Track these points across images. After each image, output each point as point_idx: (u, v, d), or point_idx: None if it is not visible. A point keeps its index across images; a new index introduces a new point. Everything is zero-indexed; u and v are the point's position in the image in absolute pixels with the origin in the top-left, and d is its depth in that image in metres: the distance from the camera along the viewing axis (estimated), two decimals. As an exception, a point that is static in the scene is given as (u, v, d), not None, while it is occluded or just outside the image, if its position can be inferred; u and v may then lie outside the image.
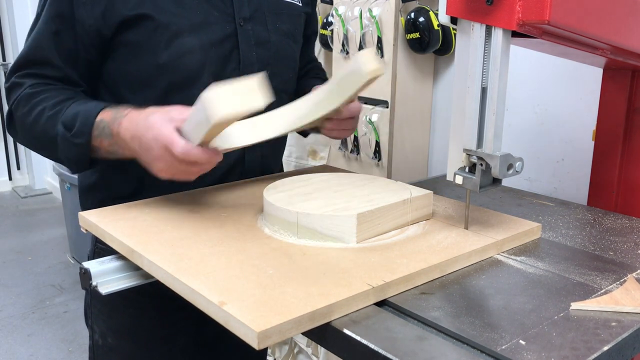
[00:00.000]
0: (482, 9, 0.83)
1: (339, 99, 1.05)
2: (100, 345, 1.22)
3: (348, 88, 1.01)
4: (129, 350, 1.21)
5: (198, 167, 0.93)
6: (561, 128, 1.66)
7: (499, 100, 0.87)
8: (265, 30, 1.17)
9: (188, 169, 0.92)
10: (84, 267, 0.92)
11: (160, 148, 0.91)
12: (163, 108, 0.95)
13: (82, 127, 0.99)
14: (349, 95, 1.02)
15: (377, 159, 1.92)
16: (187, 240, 0.90)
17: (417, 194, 0.99)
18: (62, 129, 1.01)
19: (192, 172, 0.94)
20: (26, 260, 3.66)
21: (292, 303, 0.71)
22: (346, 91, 1.02)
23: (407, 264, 0.82)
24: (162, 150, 0.91)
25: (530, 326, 0.70)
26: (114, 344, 1.21)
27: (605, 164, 1.21)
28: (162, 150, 0.91)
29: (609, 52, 0.95)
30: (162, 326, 1.22)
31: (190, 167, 0.92)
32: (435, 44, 1.79)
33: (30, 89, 1.06)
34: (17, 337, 2.79)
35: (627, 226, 1.08)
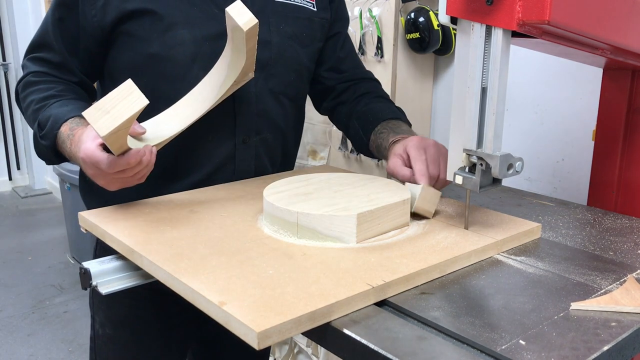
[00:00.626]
0: (482, 9, 0.83)
1: (239, 58, 1.07)
2: (100, 335, 1.24)
3: (239, 46, 1.05)
4: (125, 341, 1.23)
5: (137, 171, 0.96)
6: (561, 128, 1.66)
7: (499, 100, 0.87)
8: (267, 31, 1.17)
9: (127, 176, 0.96)
10: (84, 267, 0.92)
11: (91, 167, 0.95)
12: None
13: (49, 131, 1.06)
14: (244, 51, 1.04)
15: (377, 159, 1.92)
16: (187, 240, 0.90)
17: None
18: (37, 127, 1.09)
19: (135, 178, 0.98)
20: (26, 260, 3.66)
21: (292, 303, 0.71)
22: (240, 50, 1.05)
23: (407, 264, 0.82)
24: (94, 168, 0.95)
25: (530, 326, 0.70)
26: (112, 334, 1.23)
27: (605, 164, 1.21)
28: (94, 169, 0.95)
29: (609, 52, 0.95)
30: (157, 318, 1.23)
31: (129, 174, 0.95)
32: (435, 44, 1.79)
33: (30, 77, 1.15)
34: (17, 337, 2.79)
35: (627, 226, 1.08)
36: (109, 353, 1.25)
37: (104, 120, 0.87)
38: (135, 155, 0.93)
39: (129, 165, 0.93)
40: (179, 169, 1.18)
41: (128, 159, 0.92)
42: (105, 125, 0.86)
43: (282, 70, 1.21)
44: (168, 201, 1.08)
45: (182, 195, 1.12)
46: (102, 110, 0.87)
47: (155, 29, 1.09)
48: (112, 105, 0.87)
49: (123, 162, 0.92)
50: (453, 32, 1.77)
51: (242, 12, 1.01)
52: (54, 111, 1.08)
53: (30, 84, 1.15)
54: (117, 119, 0.87)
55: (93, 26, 1.10)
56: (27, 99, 1.14)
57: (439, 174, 1.04)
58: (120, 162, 0.92)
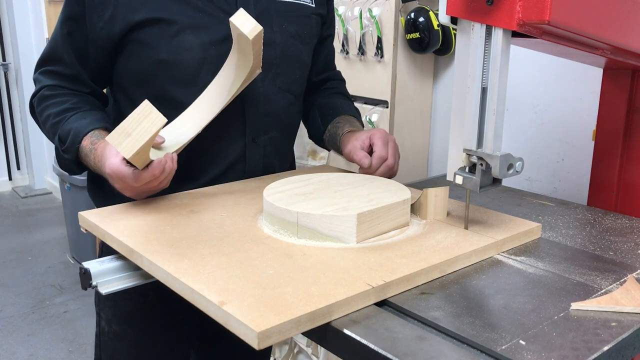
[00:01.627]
0: (482, 9, 0.83)
1: (246, 61, 1.10)
2: (106, 332, 1.24)
3: (246, 51, 1.07)
4: (132, 337, 1.24)
5: (160, 181, 1.00)
6: (561, 128, 1.66)
7: (499, 100, 0.87)
8: (270, 32, 1.19)
9: (152, 186, 1.00)
10: (84, 267, 0.92)
11: (118, 181, 1.00)
12: None
13: (71, 145, 1.09)
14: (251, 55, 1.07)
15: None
16: (187, 240, 0.90)
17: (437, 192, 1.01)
18: (58, 141, 1.12)
19: (159, 186, 1.02)
20: (26, 260, 3.66)
21: (292, 303, 0.71)
22: (246, 54, 1.08)
23: (407, 264, 0.82)
24: (121, 182, 0.99)
25: (530, 326, 0.70)
26: (118, 330, 1.24)
27: (605, 164, 1.21)
28: (121, 182, 0.99)
29: (609, 52, 0.95)
30: (163, 315, 1.24)
31: (154, 184, 1.00)
32: (435, 44, 1.79)
33: (45, 91, 1.17)
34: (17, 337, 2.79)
35: (627, 226, 1.07)
36: (114, 350, 1.25)
37: (126, 143, 0.92)
38: (159, 166, 0.98)
39: (154, 177, 0.98)
40: (192, 170, 1.19)
41: (153, 171, 0.97)
42: (129, 147, 0.92)
43: (287, 69, 1.23)
44: (168, 201, 1.08)
45: (182, 195, 1.12)
46: (124, 134, 0.92)
47: (163, 36, 1.10)
48: (133, 127, 0.92)
49: (148, 175, 0.97)
50: (453, 32, 1.77)
51: (246, 20, 1.04)
52: (74, 125, 1.10)
53: (45, 97, 1.16)
54: (139, 141, 0.92)
55: (101, 37, 1.11)
56: (44, 113, 1.16)
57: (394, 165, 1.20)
58: (145, 175, 0.97)
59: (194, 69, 1.12)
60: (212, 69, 1.13)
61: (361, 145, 1.20)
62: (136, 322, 1.23)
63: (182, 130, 1.10)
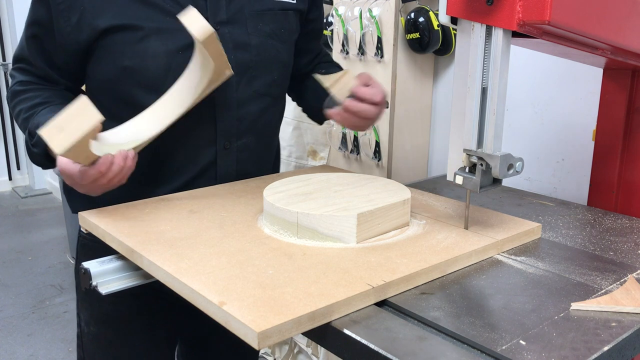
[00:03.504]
0: (482, 9, 0.83)
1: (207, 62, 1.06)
2: (86, 333, 1.25)
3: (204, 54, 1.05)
4: (109, 338, 1.23)
5: (111, 177, 0.97)
6: (561, 128, 1.66)
7: (499, 100, 0.87)
8: (245, 33, 1.15)
9: (101, 183, 0.98)
10: (84, 267, 0.92)
11: (67, 178, 0.99)
12: None
13: (40, 139, 1.02)
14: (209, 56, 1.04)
15: (377, 159, 1.92)
16: (187, 240, 0.90)
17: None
18: (27, 136, 1.10)
19: (109, 184, 0.99)
20: (26, 260, 3.66)
21: (292, 303, 0.71)
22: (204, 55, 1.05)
23: (407, 264, 0.82)
24: (69, 179, 0.99)
25: (530, 326, 0.70)
26: (96, 331, 1.24)
27: (605, 164, 1.21)
28: (69, 179, 0.99)
29: (609, 52, 0.95)
30: (140, 316, 1.23)
31: (102, 181, 0.97)
32: (435, 44, 1.79)
33: (16, 86, 1.16)
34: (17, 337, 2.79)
35: (627, 226, 1.07)
36: (95, 350, 1.25)
37: (59, 138, 0.89)
38: (105, 163, 0.95)
39: (101, 174, 0.96)
40: (159, 175, 1.17)
41: (99, 168, 0.95)
42: (61, 143, 0.89)
43: (264, 71, 1.19)
44: (168, 201, 1.08)
45: (182, 195, 1.12)
46: (57, 128, 0.89)
47: (128, 42, 1.07)
48: (67, 122, 0.89)
49: (94, 172, 0.95)
50: (453, 32, 1.77)
51: (195, 21, 0.99)
52: (42, 119, 1.07)
53: (17, 93, 1.16)
54: (71, 137, 0.88)
55: (70, 43, 1.09)
56: (17, 108, 1.15)
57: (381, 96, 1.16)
58: (90, 173, 0.95)
59: (159, 76, 1.10)
60: (178, 76, 1.10)
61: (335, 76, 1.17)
62: (113, 323, 1.22)
63: (143, 128, 1.07)
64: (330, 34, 2.03)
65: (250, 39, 1.16)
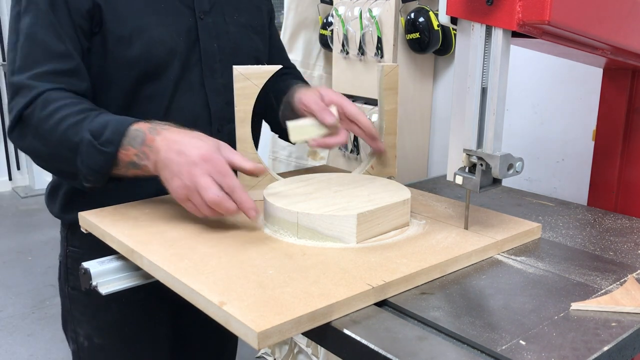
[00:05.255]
0: (482, 9, 0.83)
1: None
2: (87, 347, 1.21)
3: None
4: (117, 347, 1.22)
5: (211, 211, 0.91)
6: (561, 128, 1.66)
7: (499, 100, 0.87)
8: (223, 22, 1.19)
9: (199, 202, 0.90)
10: (84, 267, 0.92)
11: (201, 164, 0.90)
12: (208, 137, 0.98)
13: (113, 135, 0.96)
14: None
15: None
16: (187, 240, 0.90)
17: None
18: (89, 136, 0.96)
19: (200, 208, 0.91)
20: (26, 260, 3.66)
21: (292, 303, 0.71)
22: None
23: (407, 264, 0.82)
24: (195, 167, 0.90)
25: (530, 326, 0.70)
26: (101, 343, 1.21)
27: (605, 164, 1.21)
28: (196, 169, 0.90)
29: (609, 52, 0.95)
30: (146, 319, 1.22)
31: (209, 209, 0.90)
32: (435, 44, 1.79)
33: (48, 94, 1.01)
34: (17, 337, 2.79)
35: (627, 226, 1.07)
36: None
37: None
38: (248, 202, 0.91)
39: (241, 202, 0.91)
40: None
41: (241, 197, 0.90)
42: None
43: (243, 59, 1.21)
44: (168, 201, 1.08)
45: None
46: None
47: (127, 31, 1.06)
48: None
49: (243, 197, 0.91)
50: (453, 32, 1.77)
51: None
52: (110, 118, 0.99)
53: (53, 100, 1.00)
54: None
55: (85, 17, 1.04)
56: (56, 114, 0.99)
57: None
58: (242, 196, 0.90)
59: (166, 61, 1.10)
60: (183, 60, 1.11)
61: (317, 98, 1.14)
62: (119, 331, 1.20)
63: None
64: (330, 34, 2.03)
65: (228, 27, 1.20)
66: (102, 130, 0.97)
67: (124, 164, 0.97)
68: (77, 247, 1.20)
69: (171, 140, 0.94)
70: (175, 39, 1.11)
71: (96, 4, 1.04)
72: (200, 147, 0.92)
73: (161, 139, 0.95)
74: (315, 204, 0.94)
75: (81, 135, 0.97)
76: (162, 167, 0.94)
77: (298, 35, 2.25)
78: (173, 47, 1.10)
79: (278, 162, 2.43)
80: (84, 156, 0.96)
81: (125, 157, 0.96)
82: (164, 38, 1.09)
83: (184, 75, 1.13)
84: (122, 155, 0.96)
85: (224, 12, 1.20)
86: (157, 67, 1.10)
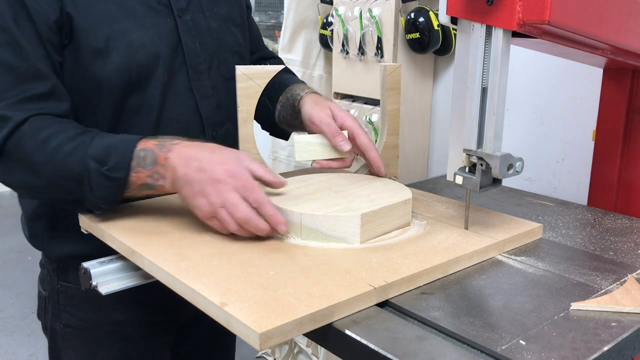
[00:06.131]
0: (482, 9, 0.83)
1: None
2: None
3: None
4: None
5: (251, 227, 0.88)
6: (561, 128, 1.66)
7: (499, 100, 0.87)
8: (203, 18, 1.13)
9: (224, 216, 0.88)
10: (84, 267, 0.92)
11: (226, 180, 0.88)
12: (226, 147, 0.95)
13: (120, 159, 0.91)
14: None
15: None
16: (188, 241, 0.90)
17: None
18: (94, 164, 0.91)
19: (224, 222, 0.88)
20: (26, 260, 3.66)
21: (294, 304, 0.71)
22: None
23: (408, 265, 0.82)
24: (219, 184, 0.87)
25: (530, 326, 0.70)
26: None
27: (605, 164, 1.21)
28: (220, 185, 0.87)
29: (609, 52, 0.95)
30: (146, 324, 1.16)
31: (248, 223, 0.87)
32: (435, 44, 1.79)
33: (32, 122, 0.93)
34: (17, 337, 2.79)
35: (627, 226, 1.08)
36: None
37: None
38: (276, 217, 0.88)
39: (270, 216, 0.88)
40: None
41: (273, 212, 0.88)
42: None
43: (227, 55, 1.17)
44: (168, 201, 1.08)
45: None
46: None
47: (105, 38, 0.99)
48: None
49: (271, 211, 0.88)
50: (453, 32, 1.77)
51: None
52: (109, 140, 0.93)
53: (38, 129, 0.93)
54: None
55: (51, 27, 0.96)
56: (50, 143, 0.92)
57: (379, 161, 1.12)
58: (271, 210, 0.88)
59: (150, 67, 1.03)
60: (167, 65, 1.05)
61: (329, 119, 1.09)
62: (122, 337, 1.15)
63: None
64: (330, 34, 2.03)
65: (209, 22, 1.13)
66: (106, 154, 0.91)
67: (136, 186, 0.93)
68: (70, 282, 1.10)
69: (187, 157, 0.91)
70: (157, 42, 1.03)
71: (65, 12, 0.96)
72: (222, 162, 0.89)
73: (175, 155, 0.91)
74: (317, 204, 0.94)
75: (84, 164, 0.91)
76: (181, 184, 0.91)
77: (298, 35, 2.25)
78: (155, 51, 1.03)
79: (278, 162, 2.43)
80: (93, 185, 0.92)
81: (136, 179, 0.92)
82: (144, 42, 1.01)
83: (170, 81, 1.06)
84: (132, 178, 0.92)
85: (203, 6, 1.13)
86: (141, 76, 1.02)
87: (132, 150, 0.92)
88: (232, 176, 0.88)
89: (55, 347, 1.19)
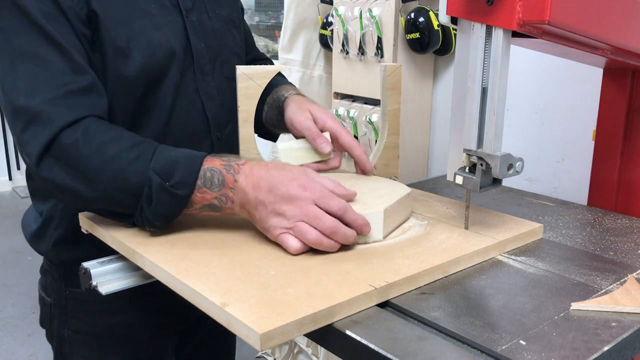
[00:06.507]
0: (482, 9, 0.83)
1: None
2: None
3: None
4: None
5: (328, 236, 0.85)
6: (561, 128, 1.66)
7: (499, 100, 0.87)
8: (208, 19, 1.13)
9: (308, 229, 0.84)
10: (84, 267, 0.92)
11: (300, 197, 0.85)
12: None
13: (185, 176, 0.87)
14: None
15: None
16: (188, 241, 0.90)
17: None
18: (157, 178, 0.87)
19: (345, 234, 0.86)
20: (26, 260, 3.66)
21: (295, 304, 0.71)
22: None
23: (409, 265, 0.82)
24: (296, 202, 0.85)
25: (530, 326, 0.70)
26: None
27: (605, 164, 1.21)
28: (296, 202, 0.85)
29: (609, 52, 0.95)
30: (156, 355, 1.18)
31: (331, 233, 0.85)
32: (435, 44, 1.79)
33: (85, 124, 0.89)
34: (17, 337, 2.79)
35: (627, 226, 1.08)
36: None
37: None
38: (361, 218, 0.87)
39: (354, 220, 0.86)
40: None
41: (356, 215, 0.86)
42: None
43: (228, 55, 1.17)
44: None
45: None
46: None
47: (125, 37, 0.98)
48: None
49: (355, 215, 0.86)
50: (453, 32, 1.77)
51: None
52: (173, 154, 0.90)
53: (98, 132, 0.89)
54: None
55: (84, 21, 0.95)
56: (108, 149, 0.88)
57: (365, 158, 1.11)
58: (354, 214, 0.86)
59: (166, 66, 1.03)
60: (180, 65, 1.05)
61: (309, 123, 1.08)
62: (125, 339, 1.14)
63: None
64: (330, 34, 2.03)
65: (213, 23, 1.14)
66: (170, 169, 0.87)
67: (199, 206, 0.90)
68: (79, 287, 0.99)
69: (257, 178, 0.88)
70: (172, 41, 1.03)
71: (92, 10, 0.95)
72: (293, 177, 0.88)
73: (243, 178, 0.88)
74: None
75: (145, 176, 0.87)
76: (252, 208, 0.88)
77: (298, 35, 2.25)
78: (171, 51, 1.03)
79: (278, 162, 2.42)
80: (154, 200, 0.87)
81: (200, 199, 0.89)
82: (161, 41, 1.02)
83: (181, 80, 1.06)
84: (196, 197, 0.89)
85: (207, 7, 1.13)
86: (159, 75, 1.02)
87: (198, 168, 0.88)
88: (308, 190, 0.86)
89: (61, 355, 1.18)
